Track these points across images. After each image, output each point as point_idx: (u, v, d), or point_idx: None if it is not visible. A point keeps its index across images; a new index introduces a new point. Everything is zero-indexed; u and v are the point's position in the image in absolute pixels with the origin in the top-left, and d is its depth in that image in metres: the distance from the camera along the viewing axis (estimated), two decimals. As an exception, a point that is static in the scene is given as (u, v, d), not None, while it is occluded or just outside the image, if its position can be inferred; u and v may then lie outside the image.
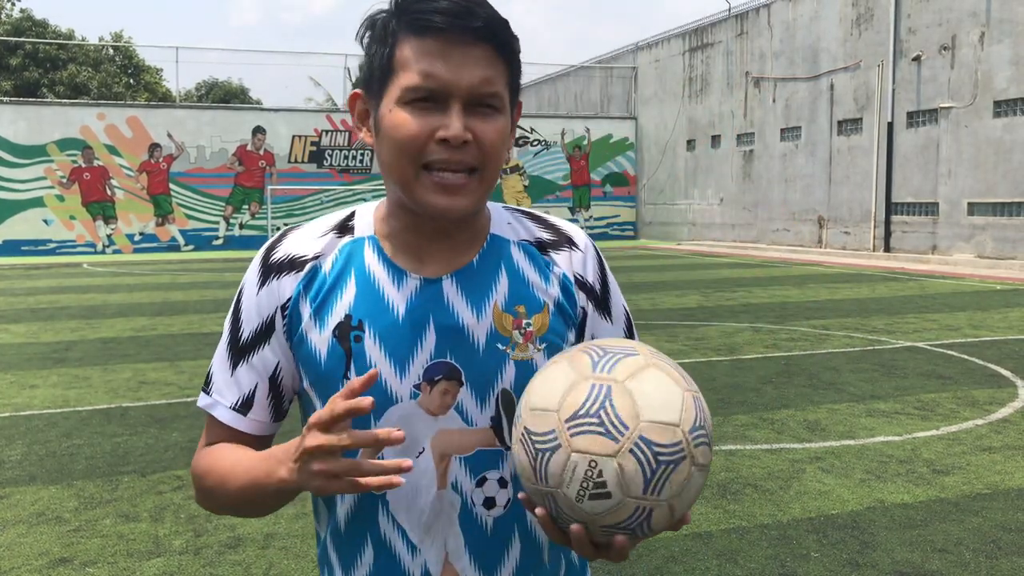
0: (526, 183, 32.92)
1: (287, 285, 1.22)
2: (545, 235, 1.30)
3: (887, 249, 23.74)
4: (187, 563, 3.90)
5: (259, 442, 1.26)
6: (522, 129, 32.66)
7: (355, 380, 1.03)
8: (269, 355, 1.23)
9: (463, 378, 1.20)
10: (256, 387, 1.24)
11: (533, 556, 1.26)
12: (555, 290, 1.26)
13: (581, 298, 1.28)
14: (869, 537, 4.15)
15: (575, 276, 1.28)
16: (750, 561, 3.89)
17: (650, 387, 0.99)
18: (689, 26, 32.53)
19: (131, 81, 44.52)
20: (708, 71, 31.41)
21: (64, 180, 28.09)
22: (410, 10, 1.12)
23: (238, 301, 1.25)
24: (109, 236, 28.70)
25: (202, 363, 8.74)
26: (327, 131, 30.87)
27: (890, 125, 23.71)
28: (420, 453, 1.20)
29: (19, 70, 39.57)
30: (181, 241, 29.43)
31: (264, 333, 1.23)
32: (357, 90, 1.22)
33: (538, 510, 1.05)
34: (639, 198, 35.09)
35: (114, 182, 28.63)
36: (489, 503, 1.22)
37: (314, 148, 30.74)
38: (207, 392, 1.27)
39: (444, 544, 1.22)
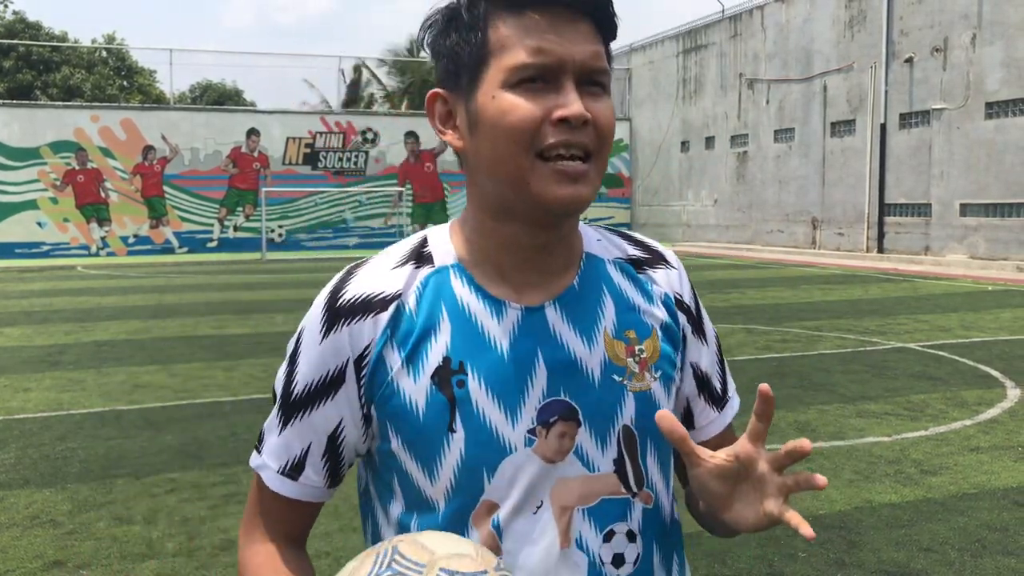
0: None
1: (365, 331, 1.05)
2: (637, 252, 1.18)
3: (880, 250, 23.82)
4: (180, 565, 3.93)
5: (308, 509, 1.13)
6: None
7: None
8: (331, 412, 1.07)
9: (580, 417, 1.06)
10: (309, 447, 1.09)
11: None
12: (660, 311, 1.14)
13: (682, 319, 1.17)
14: (856, 537, 4.19)
15: (675, 296, 1.17)
16: (738, 561, 3.93)
17: (437, 539, 0.94)
18: (683, 28, 32.61)
19: (124, 83, 44.47)
20: (702, 73, 31.49)
21: (58, 182, 28.06)
22: None
23: (295, 351, 1.09)
24: (103, 239, 28.67)
25: (196, 366, 8.76)
26: (321, 133, 30.88)
27: (883, 127, 23.80)
28: (538, 508, 1.05)
29: (12, 72, 39.51)
30: (175, 243, 29.41)
31: (327, 387, 1.06)
32: (436, 90, 1.08)
33: None
34: (633, 199, 35.16)
35: (108, 184, 28.61)
36: (618, 560, 1.08)
37: (308, 150, 30.75)
38: (258, 451, 1.13)
39: None
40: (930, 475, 5.09)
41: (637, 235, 1.22)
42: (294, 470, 1.09)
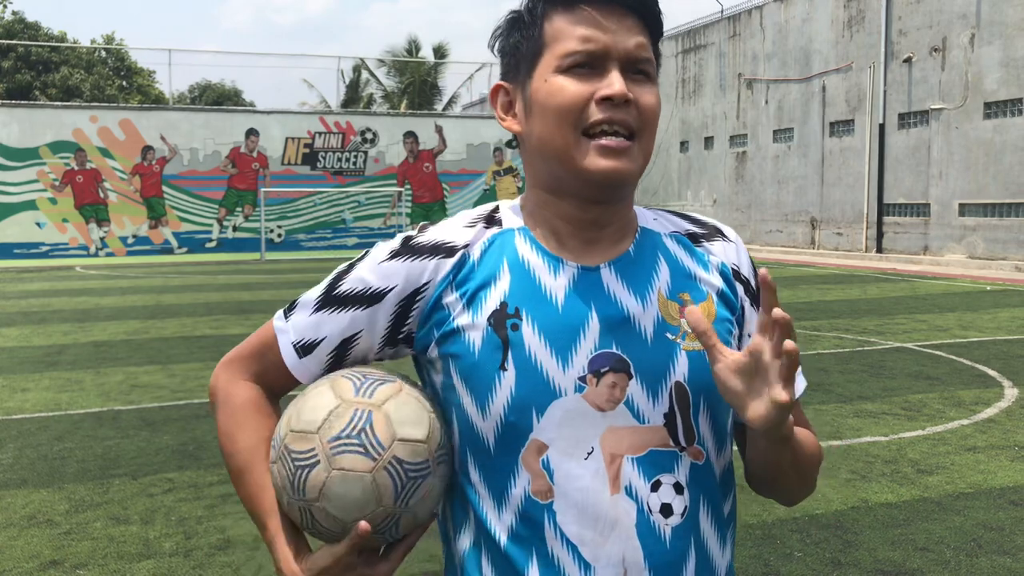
0: (519, 184, 32.98)
1: (427, 271, 1.15)
2: (694, 228, 1.25)
3: (879, 250, 23.83)
4: (177, 565, 3.94)
5: (295, 382, 1.24)
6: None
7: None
8: (356, 321, 1.17)
9: (632, 370, 1.11)
10: (324, 340, 1.18)
11: (706, 572, 1.16)
12: (716, 279, 1.20)
13: (739, 290, 1.21)
14: (852, 536, 4.19)
15: (732, 267, 1.22)
16: (734, 560, 3.93)
17: (404, 411, 1.09)
18: (682, 28, 32.62)
19: (124, 83, 44.47)
20: (701, 73, 31.50)
21: (56, 183, 28.05)
22: None
23: (360, 259, 1.20)
24: (102, 239, 28.66)
25: (194, 366, 8.77)
26: (320, 133, 30.87)
27: (882, 127, 23.81)
28: (589, 454, 1.10)
29: (11, 73, 39.51)
30: (174, 244, 29.40)
31: (363, 300, 1.17)
32: (499, 83, 1.21)
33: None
34: (632, 199, 35.14)
35: (107, 185, 28.60)
36: (666, 510, 1.12)
37: (307, 150, 30.73)
38: (286, 316, 1.22)
39: (622, 559, 1.09)
40: (927, 475, 5.09)
41: (694, 214, 1.29)
42: (303, 349, 1.19)
